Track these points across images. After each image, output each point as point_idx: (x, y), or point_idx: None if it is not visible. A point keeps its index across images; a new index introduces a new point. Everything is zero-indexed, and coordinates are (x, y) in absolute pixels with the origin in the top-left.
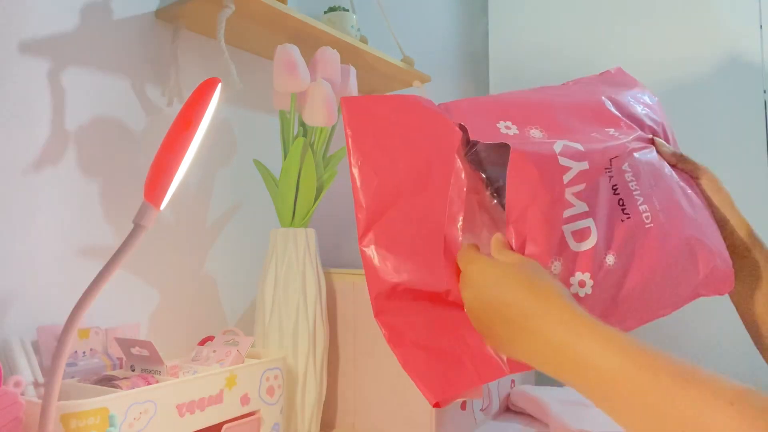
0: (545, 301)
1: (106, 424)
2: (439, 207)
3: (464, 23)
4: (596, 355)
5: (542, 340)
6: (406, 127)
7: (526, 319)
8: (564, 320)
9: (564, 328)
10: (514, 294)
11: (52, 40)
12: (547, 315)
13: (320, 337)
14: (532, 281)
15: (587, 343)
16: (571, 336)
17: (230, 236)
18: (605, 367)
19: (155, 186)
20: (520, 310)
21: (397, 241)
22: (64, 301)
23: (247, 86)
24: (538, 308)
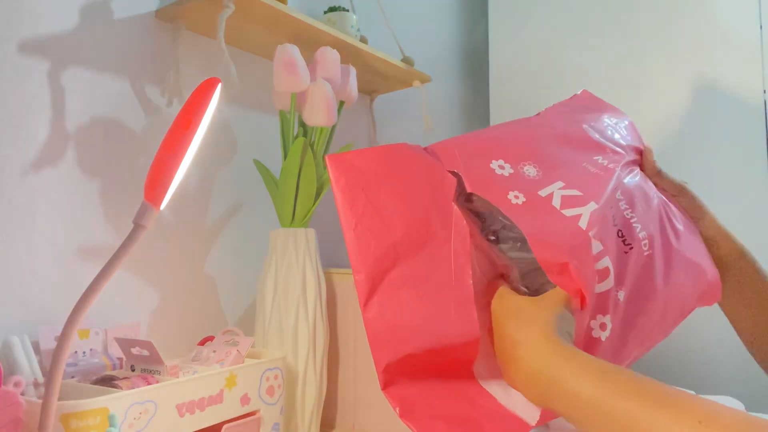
0: (527, 332)
1: (106, 424)
2: (444, 261)
3: (464, 23)
4: (572, 384)
5: (525, 370)
6: (397, 181)
7: (513, 348)
8: (542, 351)
9: (542, 358)
10: (508, 324)
11: (52, 40)
12: (528, 345)
13: (320, 337)
14: (521, 311)
15: (564, 374)
16: (549, 366)
17: (230, 236)
18: (581, 396)
19: (155, 186)
20: (511, 340)
21: (403, 305)
22: (64, 301)
23: (247, 86)
24: (522, 338)
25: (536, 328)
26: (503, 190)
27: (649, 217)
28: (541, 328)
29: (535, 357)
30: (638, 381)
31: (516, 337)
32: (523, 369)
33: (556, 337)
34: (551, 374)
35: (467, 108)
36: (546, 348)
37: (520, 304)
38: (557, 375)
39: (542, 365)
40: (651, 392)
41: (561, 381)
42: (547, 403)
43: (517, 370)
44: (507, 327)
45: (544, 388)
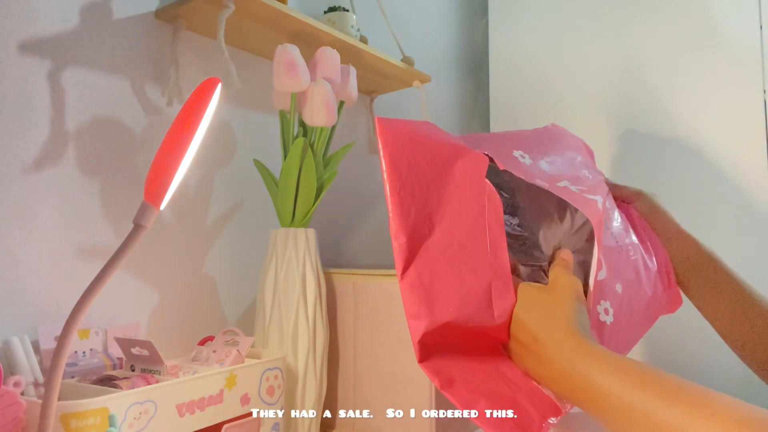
0: (549, 327)
1: (106, 424)
2: (479, 233)
3: (464, 23)
4: (594, 378)
5: (550, 366)
6: (435, 152)
7: (536, 344)
8: (567, 349)
9: (567, 356)
10: (530, 317)
11: (52, 40)
12: (554, 343)
13: (320, 337)
14: (540, 302)
15: (586, 368)
16: (574, 363)
17: (230, 236)
18: (601, 389)
19: (155, 186)
20: (533, 336)
21: (440, 273)
22: (64, 301)
23: (247, 86)
24: (545, 335)
25: (561, 324)
26: (531, 175)
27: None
28: (565, 324)
29: (560, 355)
30: (655, 374)
31: (539, 334)
32: (547, 365)
33: (579, 333)
34: (575, 370)
35: (467, 108)
36: (571, 345)
37: (536, 294)
38: (580, 369)
39: (567, 363)
40: (667, 385)
41: (584, 375)
42: (566, 395)
43: (539, 365)
44: (526, 318)
45: (566, 383)
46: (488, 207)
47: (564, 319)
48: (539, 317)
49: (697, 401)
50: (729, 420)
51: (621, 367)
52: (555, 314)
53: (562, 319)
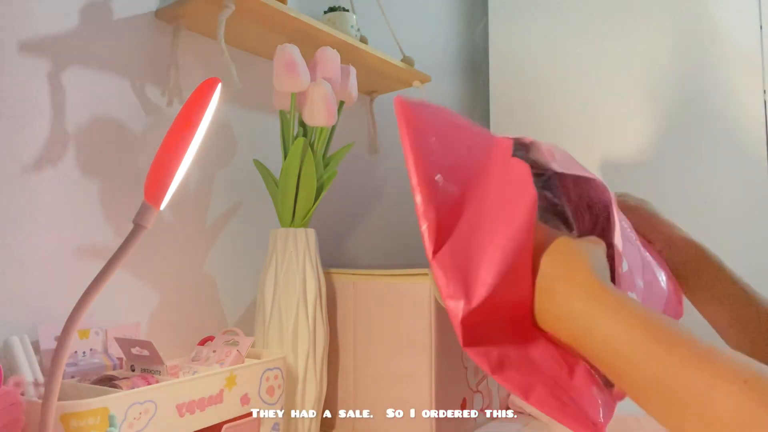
0: (571, 267)
1: (106, 424)
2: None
3: (464, 23)
4: (612, 325)
5: (563, 304)
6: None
7: (551, 281)
8: (584, 285)
9: (583, 293)
10: (546, 258)
11: (52, 40)
12: (570, 278)
13: (320, 337)
14: (567, 248)
15: (604, 312)
16: (589, 302)
17: (230, 236)
18: (620, 339)
19: (155, 186)
20: (549, 275)
21: (474, 252)
22: (64, 301)
23: (247, 86)
24: (562, 271)
25: (580, 262)
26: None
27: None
28: (584, 261)
29: (576, 290)
30: (681, 331)
31: (555, 271)
32: (559, 302)
33: (596, 275)
34: (590, 311)
35: (467, 108)
36: (589, 282)
37: (558, 238)
38: (596, 314)
39: (581, 302)
40: (697, 346)
41: (599, 322)
42: (576, 342)
43: (551, 302)
44: (544, 261)
45: (578, 325)
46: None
47: (585, 257)
48: (558, 257)
49: (728, 364)
50: (762, 389)
51: (642, 317)
52: (576, 253)
53: (583, 257)
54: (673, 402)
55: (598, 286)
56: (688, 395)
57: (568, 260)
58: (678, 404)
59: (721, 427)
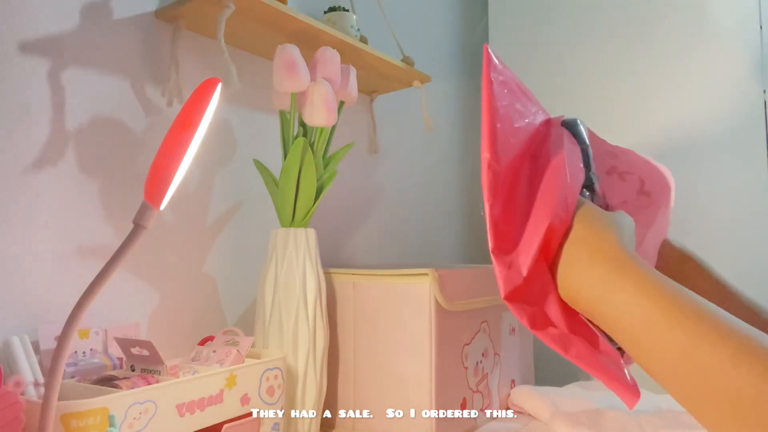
0: (593, 230)
1: (106, 424)
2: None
3: (464, 23)
4: (636, 294)
5: (586, 272)
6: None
7: (574, 246)
8: (607, 253)
9: (606, 261)
10: (581, 225)
11: (52, 40)
12: (594, 244)
13: (320, 337)
14: (588, 211)
15: (628, 281)
16: (611, 271)
17: (230, 236)
18: (644, 308)
19: (155, 186)
20: (574, 237)
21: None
22: (64, 301)
23: (247, 86)
24: (587, 236)
25: (603, 228)
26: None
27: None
28: (608, 228)
29: (599, 257)
30: (710, 307)
31: (580, 234)
32: (580, 270)
33: (620, 243)
34: (612, 278)
35: (467, 108)
36: (612, 250)
37: (587, 206)
38: (619, 281)
39: (603, 268)
40: (722, 320)
41: (623, 287)
42: (594, 311)
43: (573, 270)
44: (577, 226)
45: (599, 292)
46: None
47: (609, 224)
48: (585, 221)
49: (753, 341)
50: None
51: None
52: (601, 220)
53: (606, 224)
54: (695, 376)
55: (624, 255)
56: (711, 369)
57: (590, 223)
58: (699, 378)
59: (744, 402)
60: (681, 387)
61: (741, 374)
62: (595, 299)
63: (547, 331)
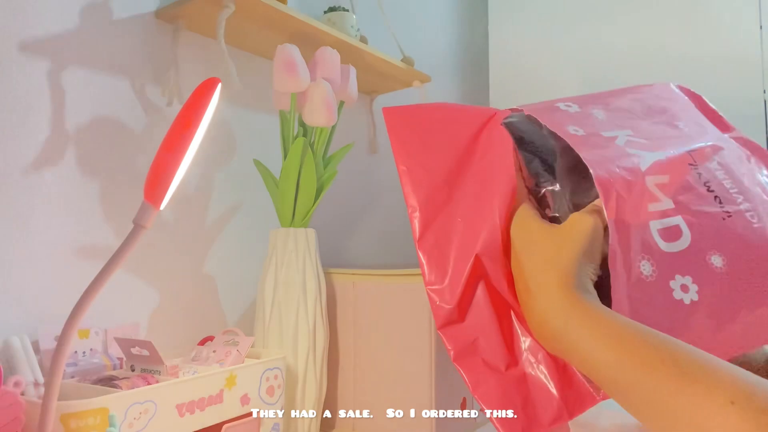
0: (543, 279)
1: (106, 424)
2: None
3: (464, 23)
4: (589, 348)
5: (540, 323)
6: (445, 122)
7: (527, 295)
8: (558, 305)
9: (559, 314)
10: (524, 257)
11: (52, 40)
12: (545, 296)
13: (320, 337)
14: (537, 245)
15: (580, 335)
16: (567, 325)
17: (230, 236)
18: (598, 362)
19: (155, 186)
20: (525, 284)
21: (455, 231)
22: (64, 301)
23: (247, 86)
24: (536, 287)
25: (554, 277)
26: (564, 121)
27: (754, 190)
28: (559, 276)
29: (551, 311)
30: (664, 348)
31: (530, 284)
32: (537, 321)
33: (574, 289)
34: (568, 334)
35: None
36: (563, 303)
37: (538, 236)
38: (573, 336)
39: (558, 322)
40: (678, 363)
41: (577, 343)
42: (565, 358)
43: (531, 319)
44: (523, 260)
45: (561, 346)
46: (499, 143)
47: (560, 270)
48: (534, 264)
49: (714, 384)
50: (751, 409)
51: (623, 337)
52: (552, 262)
53: (559, 268)
54: (667, 422)
55: (576, 307)
56: (679, 416)
57: (541, 270)
58: (672, 425)
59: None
60: (657, 429)
61: (708, 420)
62: (561, 350)
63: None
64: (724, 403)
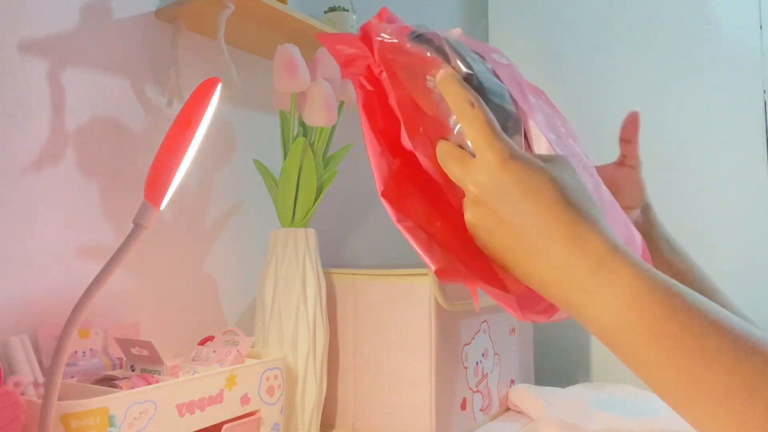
0: (574, 222)
1: (106, 424)
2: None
3: (464, 23)
4: (625, 306)
5: (563, 272)
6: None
7: (547, 242)
8: (595, 251)
9: (593, 260)
10: (542, 208)
11: (52, 40)
12: (576, 240)
13: (320, 337)
14: (568, 195)
15: (618, 287)
16: (600, 272)
17: (230, 236)
18: (632, 324)
19: (155, 186)
20: (541, 229)
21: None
22: (64, 301)
23: (247, 86)
24: (564, 230)
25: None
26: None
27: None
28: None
29: (579, 252)
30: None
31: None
32: (552, 262)
33: (607, 233)
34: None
35: None
36: (599, 245)
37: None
38: (605, 286)
39: (587, 266)
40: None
41: (610, 295)
42: (573, 312)
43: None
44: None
45: (578, 297)
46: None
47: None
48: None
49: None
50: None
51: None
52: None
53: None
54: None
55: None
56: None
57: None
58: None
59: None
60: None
61: (756, 408)
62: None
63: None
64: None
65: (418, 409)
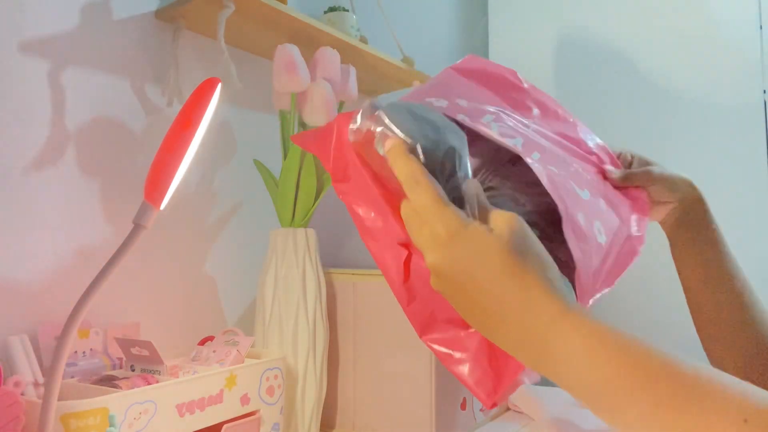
0: (525, 288)
1: (106, 424)
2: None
3: (464, 23)
4: (582, 361)
5: (522, 335)
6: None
7: (502, 308)
8: (544, 311)
9: (542, 321)
10: (493, 276)
11: (52, 40)
12: (527, 306)
13: (320, 337)
14: (515, 260)
15: (572, 346)
16: (554, 334)
17: (230, 236)
18: (594, 377)
19: (155, 186)
20: (496, 297)
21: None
22: (64, 301)
23: (247, 86)
24: (515, 296)
25: (535, 278)
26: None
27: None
28: (542, 275)
29: (532, 317)
30: (669, 362)
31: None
32: (511, 327)
33: (559, 293)
34: (554, 344)
35: None
36: (550, 307)
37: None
38: (560, 346)
39: (541, 329)
40: (683, 377)
41: (566, 354)
42: (541, 371)
43: (510, 335)
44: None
45: (539, 358)
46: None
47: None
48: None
49: (723, 402)
50: (764, 426)
51: (621, 350)
52: (522, 266)
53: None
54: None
55: (565, 314)
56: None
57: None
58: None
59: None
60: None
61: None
62: (536, 363)
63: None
64: (736, 421)
65: (418, 409)
